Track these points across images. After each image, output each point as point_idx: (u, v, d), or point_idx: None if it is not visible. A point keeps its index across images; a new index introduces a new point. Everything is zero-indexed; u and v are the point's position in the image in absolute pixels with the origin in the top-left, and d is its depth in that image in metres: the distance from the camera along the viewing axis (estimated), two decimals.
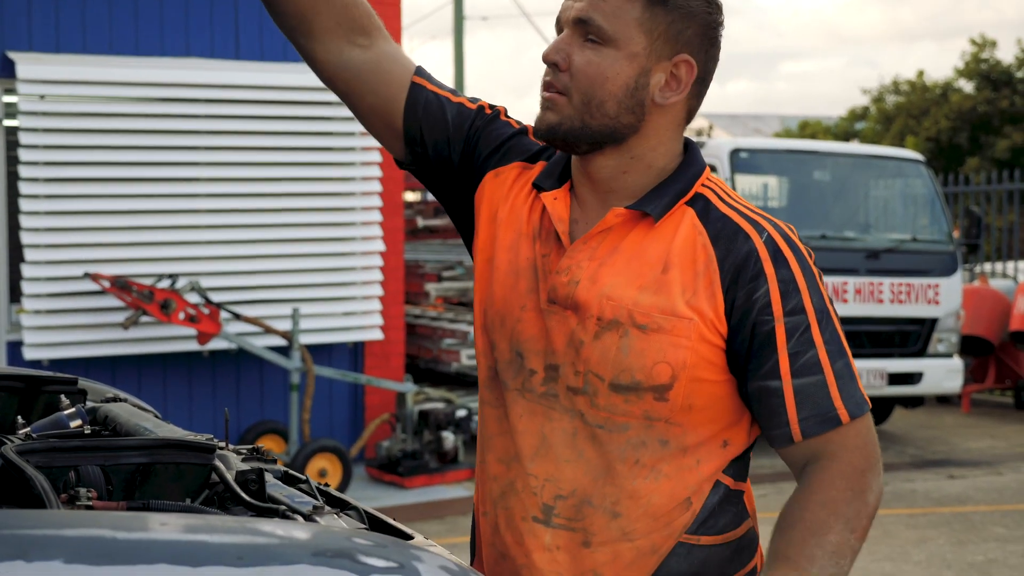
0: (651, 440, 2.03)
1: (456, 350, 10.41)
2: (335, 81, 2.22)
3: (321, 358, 9.40)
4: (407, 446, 9.07)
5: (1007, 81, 33.72)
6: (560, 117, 2.04)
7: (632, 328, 2.00)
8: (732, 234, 2.03)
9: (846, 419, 2.00)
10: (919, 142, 32.71)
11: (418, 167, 2.25)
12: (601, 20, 2.01)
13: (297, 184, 9.04)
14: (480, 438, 2.22)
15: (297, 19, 2.17)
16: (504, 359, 2.13)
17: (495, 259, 2.16)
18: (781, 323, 2.00)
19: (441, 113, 2.21)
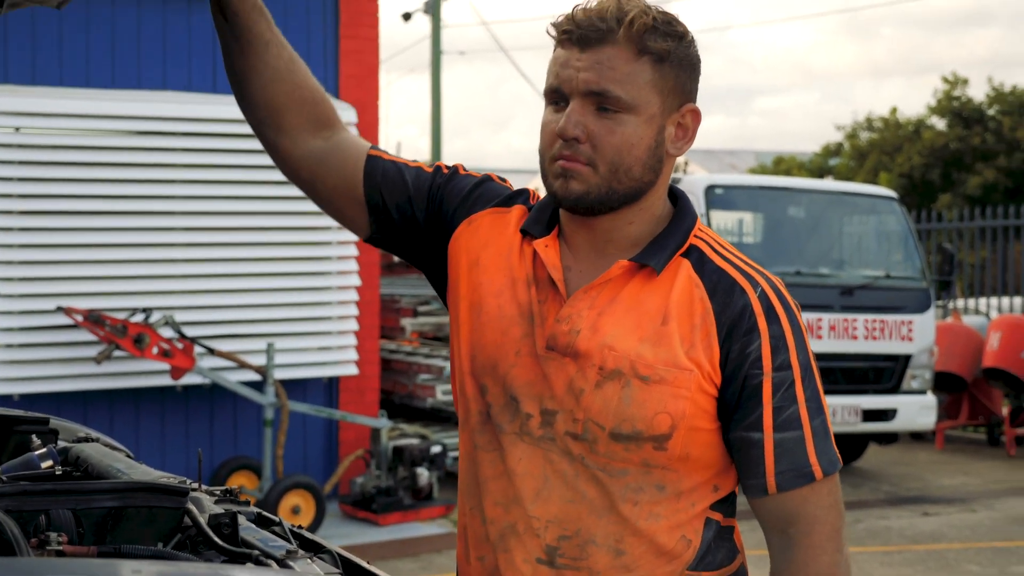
0: (648, 486, 2.08)
1: (431, 385, 10.39)
2: (299, 171, 2.29)
3: (295, 393, 9.36)
4: (381, 482, 9.03)
5: (979, 119, 33.97)
6: (587, 186, 2.06)
7: (634, 379, 2.05)
8: (728, 288, 2.09)
9: (819, 476, 2.08)
10: (892, 178, 32.89)
11: (384, 235, 2.30)
12: (618, 91, 2.04)
13: (272, 218, 9.02)
14: (470, 483, 2.22)
15: (268, 111, 2.25)
16: (498, 403, 2.15)
17: (482, 304, 2.18)
18: (769, 378, 2.06)
19: (400, 176, 2.27)
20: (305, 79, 2.25)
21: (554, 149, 2.08)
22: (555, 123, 2.08)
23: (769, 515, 2.11)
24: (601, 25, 2.04)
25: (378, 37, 9.71)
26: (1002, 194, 31.90)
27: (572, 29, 2.06)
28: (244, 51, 2.21)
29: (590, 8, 2.07)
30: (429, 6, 28.36)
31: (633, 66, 2.04)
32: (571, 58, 2.06)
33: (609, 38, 2.04)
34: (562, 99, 2.08)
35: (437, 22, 28.46)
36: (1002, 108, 34.06)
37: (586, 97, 2.05)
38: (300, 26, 9.40)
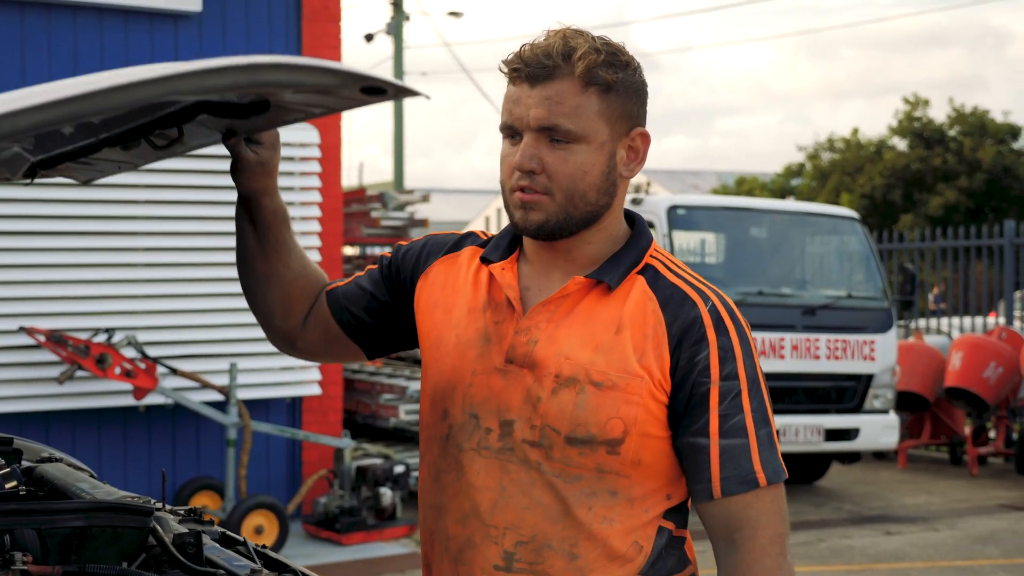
0: (601, 491, 2.16)
1: (395, 405, 10.37)
2: (295, 345, 2.51)
3: (258, 413, 9.33)
4: (345, 502, 9.01)
5: (940, 139, 34.24)
6: (546, 215, 2.18)
7: (588, 385, 2.15)
8: (680, 301, 2.20)
9: (763, 483, 2.16)
10: (854, 199, 33.09)
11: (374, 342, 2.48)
12: (568, 123, 2.15)
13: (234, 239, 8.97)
14: (430, 509, 2.31)
15: (282, 306, 2.46)
16: (458, 423, 2.25)
17: (441, 338, 2.31)
18: (716, 386, 2.16)
19: (355, 288, 2.46)
20: (313, 272, 2.48)
21: (513, 180, 2.19)
22: (512, 156, 2.20)
23: (714, 520, 2.19)
24: (548, 62, 2.15)
25: (340, 58, 9.72)
26: (963, 214, 32.15)
27: (521, 67, 2.17)
28: (269, 257, 2.42)
29: (537, 46, 2.18)
30: (391, 27, 28.42)
31: (580, 99, 2.16)
32: (522, 95, 2.17)
33: (556, 74, 2.15)
34: (516, 134, 2.19)
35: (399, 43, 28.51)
36: (963, 129, 34.35)
37: (539, 131, 2.16)
38: (262, 47, 9.40)
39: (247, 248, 2.44)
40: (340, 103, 2.07)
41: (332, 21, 9.70)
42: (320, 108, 2.10)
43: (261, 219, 2.39)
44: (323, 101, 2.04)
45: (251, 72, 1.79)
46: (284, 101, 2.02)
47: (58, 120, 1.70)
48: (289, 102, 2.03)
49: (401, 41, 28.58)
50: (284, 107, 2.07)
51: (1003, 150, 33.52)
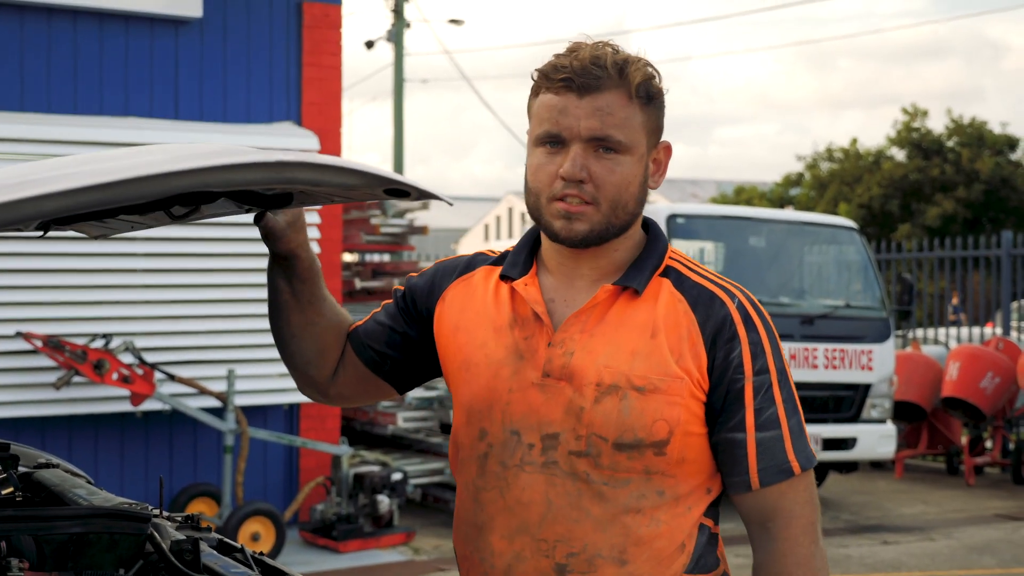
0: (649, 492, 2.22)
1: (392, 412, 10.37)
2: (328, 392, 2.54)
3: (256, 420, 9.32)
4: (341, 510, 9.00)
5: (938, 150, 34.28)
6: (590, 225, 2.22)
7: (631, 390, 2.20)
8: (709, 300, 2.26)
9: (798, 471, 2.25)
10: (852, 209, 33.12)
11: (402, 376, 2.51)
12: (619, 135, 2.20)
13: (234, 244, 8.99)
14: (469, 527, 2.34)
15: (315, 354, 2.48)
16: (498, 441, 2.28)
17: (469, 360, 2.34)
18: (750, 382, 2.23)
19: (373, 324, 2.50)
20: (344, 318, 2.51)
21: (553, 189, 2.22)
22: (552, 165, 2.22)
23: (751, 511, 2.27)
24: (600, 73, 2.19)
25: (341, 65, 9.72)
26: (961, 225, 32.19)
27: (572, 78, 2.19)
28: (304, 309, 2.45)
29: (582, 56, 2.21)
30: (392, 34, 28.42)
31: (628, 110, 2.21)
32: (569, 105, 2.20)
33: (607, 85, 2.20)
34: (559, 143, 2.22)
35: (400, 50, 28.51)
36: (961, 140, 34.41)
37: (588, 142, 2.19)
38: (263, 54, 9.41)
39: (281, 303, 2.46)
40: (361, 197, 2.13)
41: (333, 28, 9.70)
42: (341, 198, 2.16)
43: (297, 275, 2.42)
44: (346, 194, 2.09)
45: (279, 169, 1.81)
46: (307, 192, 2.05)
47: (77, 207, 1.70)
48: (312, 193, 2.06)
49: (402, 48, 28.58)
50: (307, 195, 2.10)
51: (1001, 161, 33.57)
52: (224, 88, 9.32)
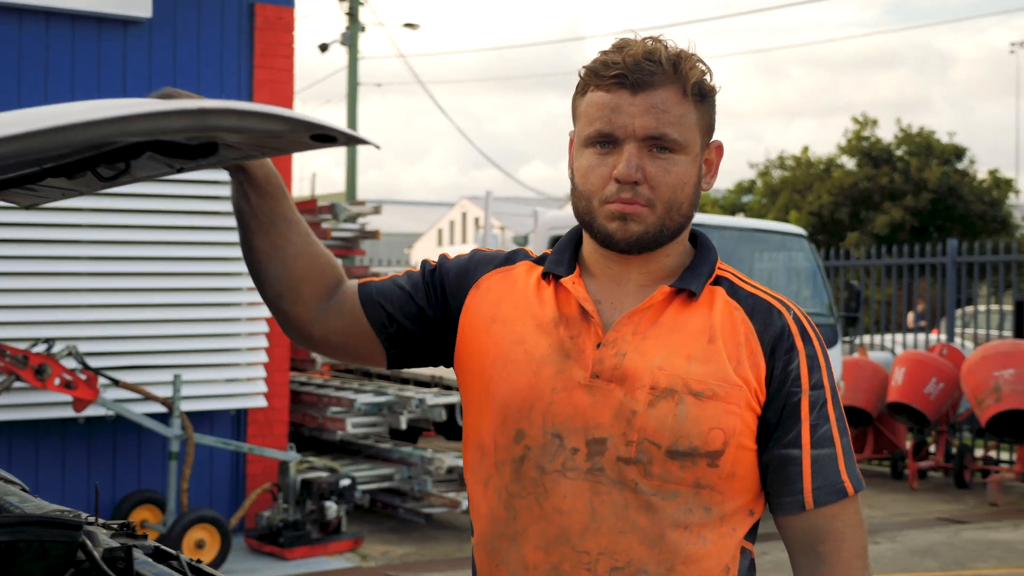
0: (697, 507, 2.10)
1: (342, 418, 10.33)
2: (311, 334, 2.36)
3: (202, 425, 9.27)
4: (288, 516, 8.96)
5: (887, 159, 34.57)
6: (645, 226, 2.13)
7: (688, 395, 2.09)
8: (766, 310, 2.18)
9: (851, 492, 2.16)
10: (803, 216, 33.33)
11: (401, 349, 2.35)
12: (675, 133, 2.11)
13: (181, 248, 8.94)
14: (496, 538, 2.19)
15: (287, 286, 2.32)
16: (538, 443, 2.14)
17: (507, 355, 2.20)
18: (806, 396, 2.14)
19: (394, 286, 2.34)
20: (320, 248, 2.34)
21: (606, 192, 2.12)
22: (604, 167, 2.13)
23: (800, 533, 2.17)
24: (655, 68, 2.10)
25: (293, 68, 9.68)
26: (909, 233, 32.44)
27: (625, 74, 2.10)
28: (268, 230, 2.28)
29: (634, 51, 2.12)
30: (346, 38, 28.36)
31: (683, 108, 2.12)
32: (622, 103, 2.11)
33: (660, 81, 2.11)
34: (611, 142, 2.13)
35: (354, 54, 28.46)
36: (910, 149, 34.70)
37: (643, 141, 2.11)
38: (214, 55, 9.36)
39: (244, 224, 2.30)
40: (289, 147, 2.05)
41: (285, 31, 9.66)
42: (268, 150, 2.08)
43: (254, 189, 2.26)
44: (272, 144, 2.02)
45: (201, 117, 1.78)
46: (232, 143, 2.01)
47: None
48: (237, 144, 2.02)
49: (356, 51, 28.53)
50: (232, 147, 2.05)
51: (948, 170, 33.88)
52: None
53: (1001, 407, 11.62)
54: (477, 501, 2.24)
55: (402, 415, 10.15)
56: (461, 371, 2.30)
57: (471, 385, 2.27)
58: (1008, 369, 11.71)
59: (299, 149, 2.06)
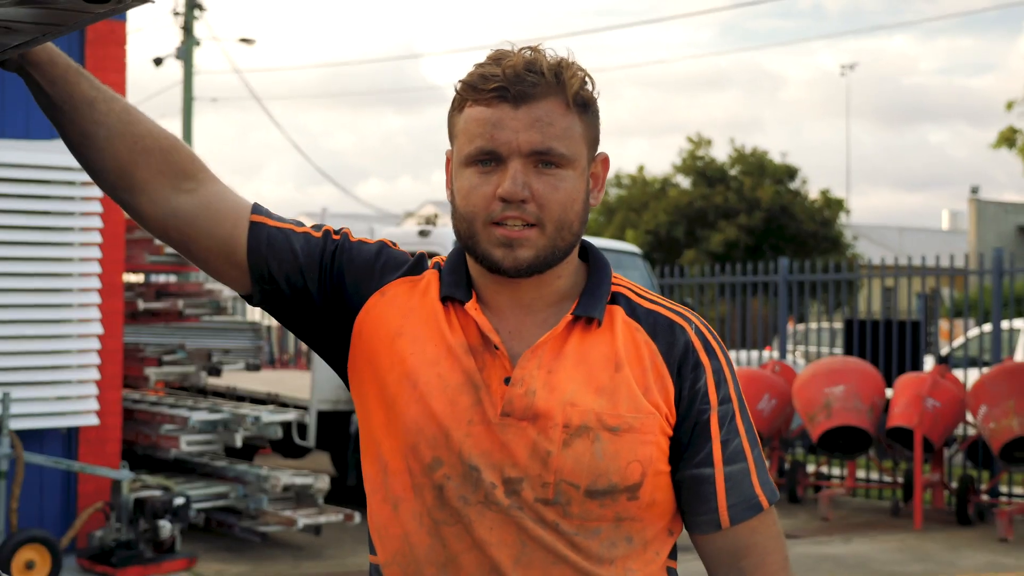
0: (619, 540, 2.04)
1: (176, 436, 10.17)
2: (167, 231, 2.13)
3: (32, 444, 9.04)
4: (121, 535, 8.80)
5: (721, 178, 35.27)
6: (536, 250, 2.02)
7: (603, 431, 2.01)
8: (667, 327, 2.10)
9: (766, 505, 2.10)
10: (639, 234, 33.82)
11: (270, 304, 2.18)
12: (562, 147, 2.01)
13: (10, 264, 8.72)
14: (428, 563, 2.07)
15: (116, 175, 2.11)
16: (457, 473, 2.03)
17: (415, 375, 2.07)
18: (715, 412, 2.08)
19: (288, 245, 2.14)
20: (147, 129, 2.11)
21: (491, 213, 2.01)
22: (487, 186, 2.02)
23: (719, 552, 2.11)
24: (537, 80, 2.00)
25: (125, 82, 9.51)
26: (743, 251, 33.12)
27: (506, 87, 2.00)
28: (72, 117, 2.08)
29: (514, 62, 2.02)
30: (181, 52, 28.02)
31: (568, 119, 2.03)
32: (504, 117, 2.00)
33: (543, 93, 2.01)
34: (493, 159, 2.02)
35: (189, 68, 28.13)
36: (743, 168, 35.45)
37: (528, 156, 2.00)
38: None
39: (53, 120, 2.10)
40: (67, 17, 1.86)
41: (117, 44, 9.49)
42: (45, 26, 1.89)
43: (41, 74, 2.05)
44: (47, 17, 1.85)
45: None
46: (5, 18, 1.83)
47: None
48: (11, 19, 1.85)
49: (191, 66, 28.19)
50: (8, 27, 1.89)
51: (781, 190, 34.71)
52: (2, 103, 9.04)
53: (832, 423, 11.89)
54: (384, 521, 2.12)
55: (237, 433, 10.04)
56: (356, 377, 2.17)
57: (369, 395, 2.13)
58: (838, 386, 12.00)
59: (82, 21, 1.88)
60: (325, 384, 11.51)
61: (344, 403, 11.65)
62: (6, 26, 1.89)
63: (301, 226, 2.20)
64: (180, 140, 2.16)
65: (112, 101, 2.10)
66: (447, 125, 2.13)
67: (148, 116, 2.14)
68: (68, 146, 2.12)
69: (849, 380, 12.05)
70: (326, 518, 9.94)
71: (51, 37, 1.96)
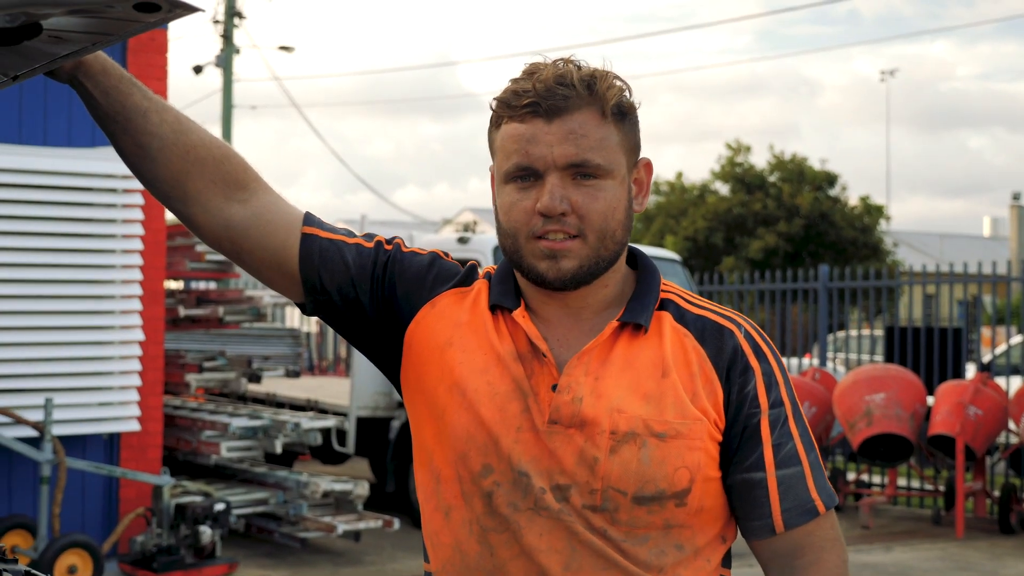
0: (669, 547, 2.05)
1: (216, 442, 10.22)
2: (220, 241, 2.16)
3: (75, 449, 9.10)
4: (162, 541, 8.84)
5: (760, 185, 35.11)
6: (579, 261, 2.04)
7: (650, 438, 2.02)
8: (716, 331, 2.10)
9: (823, 510, 2.09)
10: (678, 241, 33.73)
11: (323, 314, 2.20)
12: (597, 158, 2.02)
13: (53, 271, 8.78)
14: (477, 569, 2.09)
15: (170, 184, 2.13)
16: (507, 480, 2.05)
17: (464, 384, 2.10)
18: (766, 415, 2.07)
19: (340, 257, 2.16)
20: (200, 139, 2.13)
21: (532, 227, 2.03)
22: (527, 200, 2.04)
23: (775, 554, 2.11)
24: (568, 92, 2.02)
25: (167, 90, 9.59)
26: (782, 258, 32.98)
27: (538, 101, 2.01)
28: (125, 128, 2.09)
29: (544, 76, 2.03)
30: (221, 60, 28.16)
31: (603, 130, 2.04)
32: (539, 132, 2.02)
33: (575, 105, 2.02)
34: (531, 175, 2.04)
35: (229, 76, 28.27)
36: (782, 175, 35.29)
37: (564, 169, 2.02)
38: None
39: (107, 131, 2.11)
40: (117, 26, 1.89)
41: (159, 52, 9.57)
42: (96, 35, 1.91)
43: (94, 84, 2.06)
44: (97, 26, 1.87)
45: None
46: (56, 28, 1.87)
47: None
48: (62, 29, 1.87)
49: (231, 74, 28.33)
50: (59, 36, 1.91)
51: (820, 196, 34.53)
52: (44, 111, 9.12)
53: (872, 431, 11.83)
54: (436, 528, 2.15)
55: (277, 439, 10.07)
56: (408, 388, 2.20)
57: (421, 405, 2.16)
58: (879, 393, 11.94)
59: (131, 30, 1.90)
60: (364, 391, 11.53)
61: (383, 410, 11.66)
62: (56, 36, 1.90)
63: (353, 236, 2.22)
64: (233, 149, 2.18)
65: (164, 111, 2.11)
66: (488, 142, 2.15)
67: (200, 126, 2.16)
68: (121, 157, 2.13)
69: (890, 387, 11.99)
70: (365, 524, 9.96)
71: (100, 47, 1.98)
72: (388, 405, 11.67)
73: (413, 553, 10.17)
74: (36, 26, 1.87)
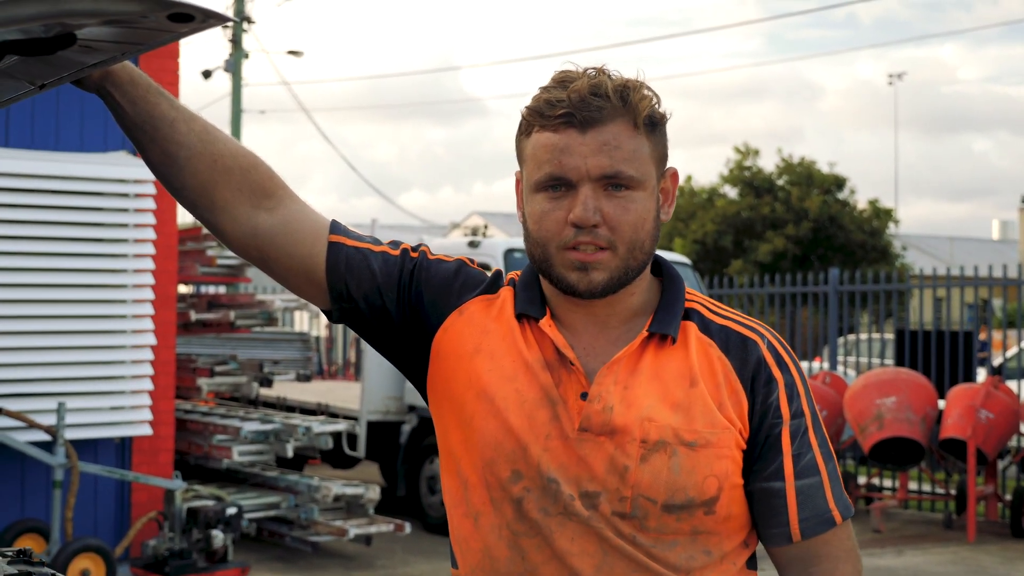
0: (697, 553, 2.07)
1: (228, 446, 10.24)
2: (247, 250, 2.18)
3: (87, 454, 9.12)
4: (174, 545, 8.85)
5: (768, 188, 35.11)
6: (609, 272, 2.04)
7: (680, 446, 2.03)
8: (740, 343, 2.12)
9: (839, 520, 2.12)
10: (687, 244, 33.74)
11: (350, 321, 2.22)
12: (631, 170, 2.02)
13: (65, 275, 8.80)
14: (504, 572, 2.11)
15: (197, 193, 2.13)
16: (536, 486, 2.07)
17: (492, 391, 2.11)
18: (787, 426, 2.10)
19: (366, 265, 2.18)
20: (227, 148, 2.14)
21: (564, 238, 2.04)
22: (559, 211, 2.04)
23: (790, 562, 2.14)
24: (603, 104, 2.02)
25: (178, 94, 9.61)
26: (791, 261, 32.97)
27: (572, 112, 2.01)
28: (153, 137, 2.10)
29: (579, 86, 2.03)
30: (230, 64, 28.19)
31: (636, 141, 2.04)
32: (571, 143, 2.02)
33: (609, 116, 2.02)
34: (563, 185, 2.04)
35: (238, 81, 28.29)
36: (791, 179, 35.27)
37: (597, 180, 2.02)
38: None
39: (134, 140, 2.12)
40: (148, 36, 1.90)
41: (170, 57, 9.59)
42: (128, 44, 1.93)
43: (122, 93, 2.08)
44: (129, 36, 1.89)
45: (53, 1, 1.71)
46: (88, 38, 1.88)
47: None
48: (94, 39, 1.88)
49: (240, 79, 28.35)
50: (89, 46, 1.92)
51: (828, 200, 34.52)
52: (57, 116, 9.15)
53: (883, 435, 11.82)
54: (465, 534, 2.16)
55: (288, 443, 10.09)
56: (434, 394, 2.21)
57: (448, 412, 2.18)
58: (890, 397, 11.92)
59: (161, 40, 1.91)
60: (375, 395, 11.54)
61: (394, 414, 11.67)
62: (86, 45, 1.91)
63: (379, 244, 2.23)
64: (260, 158, 2.18)
65: (192, 120, 2.12)
66: (515, 148, 2.14)
67: (227, 135, 2.17)
68: (149, 165, 2.14)
69: (901, 391, 11.97)
70: (377, 528, 9.97)
71: (128, 56, 1.99)
72: (399, 409, 11.69)
73: (424, 557, 10.18)
74: (70, 36, 1.87)
